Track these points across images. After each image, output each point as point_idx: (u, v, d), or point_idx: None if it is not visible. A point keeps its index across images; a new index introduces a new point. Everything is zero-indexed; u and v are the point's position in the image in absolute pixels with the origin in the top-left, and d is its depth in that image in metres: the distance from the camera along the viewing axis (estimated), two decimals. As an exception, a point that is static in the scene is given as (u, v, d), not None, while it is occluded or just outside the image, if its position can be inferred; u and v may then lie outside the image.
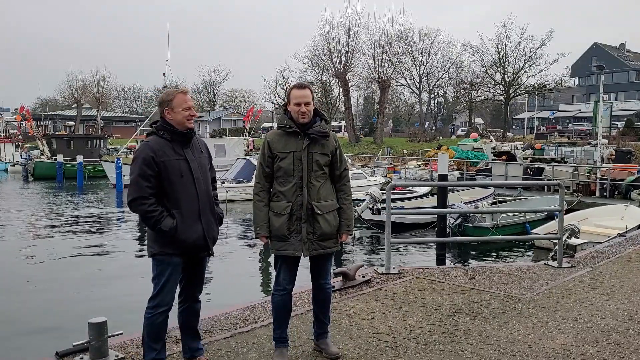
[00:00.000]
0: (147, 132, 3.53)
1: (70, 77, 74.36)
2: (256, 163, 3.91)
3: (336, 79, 48.33)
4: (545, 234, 12.02)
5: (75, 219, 18.71)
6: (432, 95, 68.75)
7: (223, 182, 20.94)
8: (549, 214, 14.14)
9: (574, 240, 9.75)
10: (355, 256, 12.80)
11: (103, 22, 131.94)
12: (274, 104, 53.22)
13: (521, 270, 6.65)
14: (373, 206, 13.83)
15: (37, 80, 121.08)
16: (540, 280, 6.15)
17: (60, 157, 34.98)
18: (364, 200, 13.89)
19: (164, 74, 34.44)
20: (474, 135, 42.07)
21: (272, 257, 3.80)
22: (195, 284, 3.62)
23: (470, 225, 13.61)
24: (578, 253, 8.14)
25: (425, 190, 19.30)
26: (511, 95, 52.34)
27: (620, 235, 9.73)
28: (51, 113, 71.10)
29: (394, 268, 6.42)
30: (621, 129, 42.76)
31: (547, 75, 52.48)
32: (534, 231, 12.75)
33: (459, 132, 57.26)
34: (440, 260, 11.57)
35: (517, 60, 50.45)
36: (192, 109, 3.48)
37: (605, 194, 18.92)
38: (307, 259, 3.71)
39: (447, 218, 12.80)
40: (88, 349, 3.69)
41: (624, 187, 18.66)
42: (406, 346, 4.10)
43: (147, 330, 3.38)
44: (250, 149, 34.74)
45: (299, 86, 3.73)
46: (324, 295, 3.85)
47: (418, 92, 66.53)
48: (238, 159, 25.67)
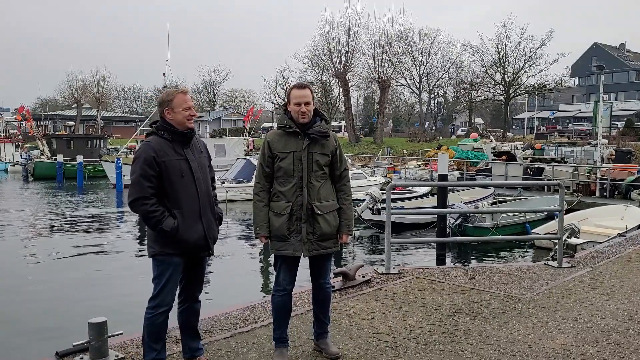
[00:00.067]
0: (147, 132, 3.53)
1: (70, 77, 74.63)
2: (256, 163, 3.91)
3: (336, 79, 48.33)
4: (545, 234, 12.03)
5: (76, 219, 18.71)
6: (432, 95, 68.79)
7: (223, 182, 20.94)
8: (549, 214, 14.14)
9: (574, 240, 9.76)
10: (355, 256, 12.80)
11: (103, 22, 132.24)
12: (274, 104, 53.23)
13: (521, 270, 6.65)
14: (373, 206, 13.83)
15: (37, 80, 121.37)
16: (540, 280, 6.15)
17: (60, 157, 34.99)
18: (364, 200, 13.90)
19: (164, 74, 34.45)
20: (474, 135, 42.07)
21: (272, 257, 3.80)
22: (195, 283, 3.62)
23: (471, 225, 13.62)
24: (578, 253, 8.14)
25: (425, 190, 19.31)
26: (511, 95, 52.36)
27: (620, 235, 9.73)
28: (51, 113, 71.16)
29: (394, 268, 6.42)
30: (621, 129, 42.77)
31: (547, 75, 52.61)
32: (534, 231, 12.76)
33: (459, 132, 57.27)
34: (440, 260, 11.57)
35: (517, 60, 50.54)
36: (192, 109, 3.49)
37: (605, 194, 18.93)
38: (307, 259, 3.71)
39: (447, 218, 12.80)
40: (88, 349, 3.69)
41: (624, 187, 18.66)
42: (406, 346, 4.10)
43: (148, 330, 3.39)
44: (250, 149, 34.74)
45: (299, 86, 3.73)
46: (324, 295, 3.85)
47: (418, 92, 66.60)
48: (238, 159, 25.69)
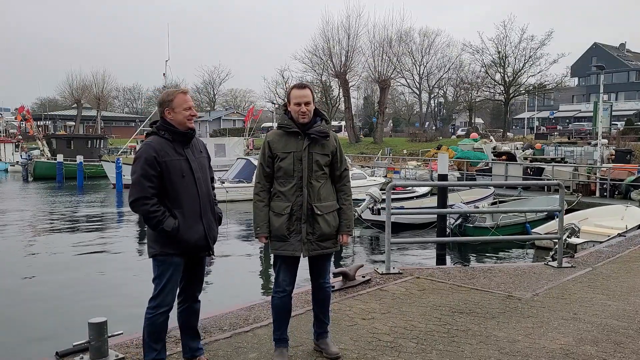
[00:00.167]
0: (147, 132, 3.53)
1: (70, 77, 74.67)
2: (256, 163, 3.91)
3: (336, 79, 48.33)
4: (545, 234, 12.02)
5: (76, 219, 18.72)
6: (432, 95, 68.80)
7: (223, 182, 20.94)
8: (549, 214, 14.14)
9: (574, 240, 9.77)
10: (355, 256, 12.80)
11: (103, 22, 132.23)
12: (274, 104, 53.22)
13: (521, 270, 6.65)
14: (373, 206, 13.82)
15: (37, 80, 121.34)
16: (540, 280, 6.15)
17: (60, 157, 34.99)
18: (364, 200, 13.89)
19: (164, 74, 34.45)
20: (474, 135, 42.07)
21: (272, 258, 3.80)
22: (195, 283, 3.62)
23: (471, 225, 13.62)
24: (578, 253, 8.14)
25: (425, 190, 19.31)
26: (511, 95, 52.37)
27: (620, 235, 9.73)
28: (51, 113, 71.17)
29: (394, 268, 6.42)
30: (621, 129, 42.78)
31: (547, 75, 52.62)
32: (534, 231, 12.75)
33: (459, 132, 57.27)
34: (440, 260, 11.56)
35: (517, 60, 50.56)
36: (193, 109, 3.49)
37: (605, 194, 18.93)
38: (307, 259, 3.71)
39: (447, 218, 12.79)
40: (88, 349, 3.69)
41: (624, 187, 18.67)
42: (406, 346, 4.10)
43: (148, 330, 3.38)
44: (250, 149, 34.75)
45: (299, 86, 3.72)
46: (324, 294, 3.85)
47: (418, 92, 66.60)
48: (238, 159, 25.69)
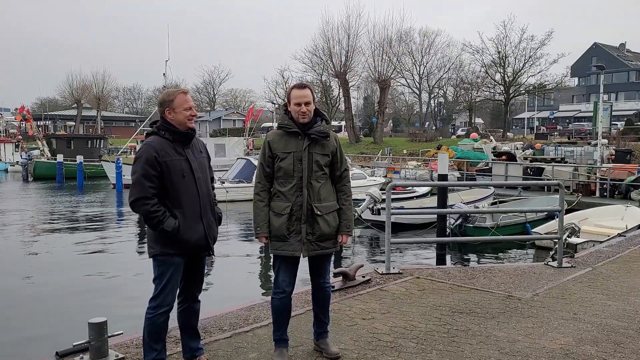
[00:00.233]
0: (148, 132, 3.52)
1: (70, 77, 74.61)
2: (256, 163, 3.91)
3: (336, 79, 48.33)
4: (545, 234, 12.02)
5: (76, 219, 18.72)
6: (432, 95, 68.81)
7: (223, 182, 20.94)
8: (549, 214, 14.14)
9: (574, 240, 9.77)
10: (355, 256, 12.80)
11: (103, 22, 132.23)
12: (274, 104, 53.22)
13: (521, 270, 6.65)
14: (373, 206, 13.81)
15: (37, 80, 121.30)
16: (540, 280, 6.15)
17: (60, 157, 34.99)
18: (364, 201, 13.88)
19: (164, 74, 34.47)
20: (474, 135, 42.09)
21: (272, 258, 3.80)
22: (195, 283, 3.62)
23: (471, 225, 13.62)
24: (578, 253, 8.14)
25: (425, 190, 19.30)
26: (511, 95, 52.40)
27: (620, 235, 9.73)
28: (51, 113, 71.18)
29: (394, 268, 6.41)
30: (621, 129, 42.79)
31: (547, 75, 52.69)
32: (534, 230, 12.75)
33: (459, 132, 57.29)
34: (440, 260, 11.57)
35: (517, 60, 50.60)
36: (193, 109, 3.49)
37: (605, 194, 18.93)
38: (306, 259, 3.71)
39: (447, 218, 12.79)
40: (88, 349, 3.69)
41: (624, 187, 18.67)
42: (406, 346, 4.10)
43: (148, 330, 3.38)
44: (250, 149, 34.76)
45: (299, 86, 3.72)
46: (324, 294, 3.85)
47: (418, 92, 66.61)
48: (238, 159, 25.69)
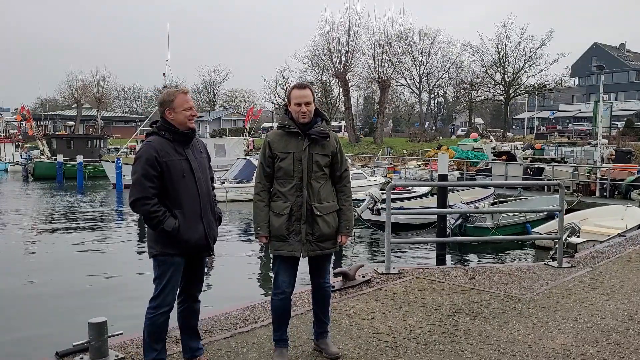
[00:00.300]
0: (148, 132, 3.52)
1: (70, 77, 74.61)
2: (256, 163, 3.91)
3: (336, 79, 48.33)
4: (545, 234, 12.02)
5: (76, 219, 18.71)
6: (432, 95, 68.80)
7: (223, 182, 20.94)
8: (549, 213, 14.14)
9: (574, 239, 9.77)
10: (355, 256, 12.80)
11: (103, 22, 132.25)
12: (274, 104, 53.25)
13: (521, 270, 6.65)
14: (373, 206, 13.81)
15: (37, 80, 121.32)
16: (540, 280, 6.15)
17: (60, 157, 34.98)
18: (364, 201, 13.88)
19: (164, 74, 34.50)
20: (474, 135, 42.09)
21: (272, 258, 3.80)
22: (195, 283, 3.62)
23: (471, 225, 13.61)
24: (578, 253, 8.14)
25: (425, 190, 19.30)
26: (511, 95, 52.42)
27: (620, 235, 9.73)
28: (51, 113, 71.18)
29: (394, 268, 6.42)
30: (621, 129, 42.79)
31: (547, 75, 52.73)
32: (535, 230, 12.75)
33: (459, 132, 57.31)
34: (440, 260, 11.56)
35: (517, 60, 50.64)
36: (193, 109, 3.49)
37: (605, 194, 18.94)
38: (306, 259, 3.71)
39: (447, 218, 12.78)
40: (88, 349, 3.69)
41: (624, 187, 18.67)
42: (406, 346, 4.10)
43: (148, 330, 3.38)
44: (250, 149, 34.76)
45: (300, 86, 3.72)
46: (323, 294, 3.85)
47: (418, 92, 66.60)
48: (238, 159, 25.68)
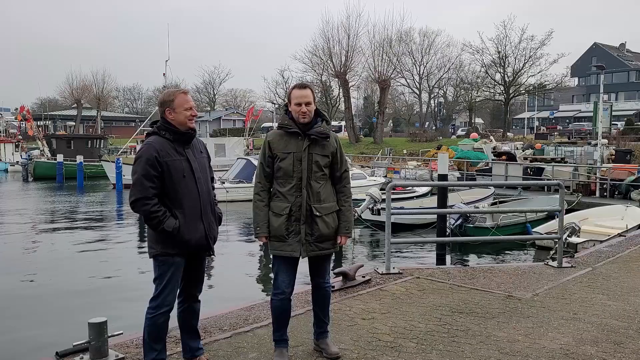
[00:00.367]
0: (148, 132, 3.52)
1: (70, 77, 74.40)
2: (256, 163, 3.91)
3: (336, 79, 48.32)
4: (545, 233, 12.02)
5: (76, 219, 18.71)
6: (432, 95, 68.75)
7: (223, 182, 20.93)
8: (549, 213, 14.13)
9: (574, 239, 9.78)
10: (355, 256, 12.79)
11: (103, 22, 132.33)
12: (274, 104, 53.30)
13: (521, 270, 6.65)
14: (373, 206, 13.80)
15: (37, 80, 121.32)
16: (540, 280, 6.15)
17: (60, 157, 34.94)
18: (364, 201, 13.88)
19: (164, 74, 34.55)
20: (474, 135, 42.09)
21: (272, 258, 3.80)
22: (195, 283, 3.62)
23: (471, 225, 13.60)
24: (578, 253, 8.14)
25: (425, 190, 19.30)
26: (511, 95, 52.45)
27: (620, 235, 9.74)
28: (51, 113, 71.14)
29: (394, 268, 6.41)
30: (621, 129, 42.79)
31: (547, 75, 52.79)
32: (535, 230, 12.74)
33: (459, 132, 57.31)
34: (440, 260, 11.57)
35: (517, 60, 50.68)
36: (193, 109, 3.49)
37: (605, 194, 18.93)
38: (306, 259, 3.71)
39: (448, 218, 12.78)
40: (88, 349, 3.70)
41: (624, 187, 18.66)
42: (406, 346, 4.10)
43: (149, 330, 3.39)
44: (250, 149, 34.73)
45: (300, 86, 3.72)
46: (323, 294, 3.85)
47: (418, 92, 66.54)
48: (238, 159, 25.66)
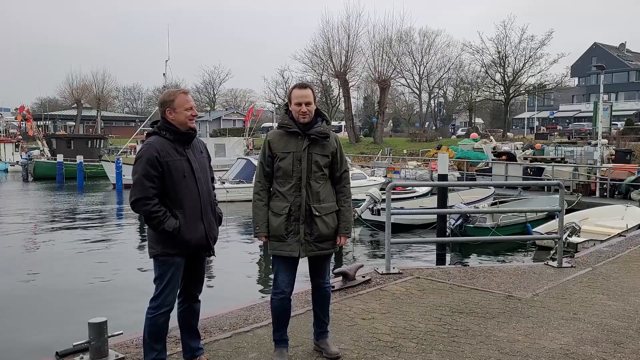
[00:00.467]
0: (148, 132, 3.52)
1: (70, 77, 74.35)
2: (256, 163, 3.91)
3: (336, 79, 48.32)
4: (546, 233, 12.01)
5: (76, 219, 18.71)
6: (432, 95, 68.77)
7: (223, 182, 20.93)
8: (549, 213, 14.13)
9: (575, 239, 9.78)
10: (355, 256, 12.79)
11: (103, 22, 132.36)
12: (274, 104, 53.31)
13: (521, 270, 6.65)
14: (373, 206, 13.80)
15: (37, 80, 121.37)
16: (540, 280, 6.15)
17: (60, 157, 34.93)
18: (364, 201, 13.88)
19: (164, 74, 34.57)
20: (474, 135, 42.09)
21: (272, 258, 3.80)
22: (195, 283, 3.62)
23: (471, 225, 13.59)
24: (578, 253, 8.14)
25: (425, 190, 19.29)
26: (511, 95, 52.46)
27: (620, 235, 9.74)
28: (51, 113, 71.12)
29: (394, 268, 6.42)
30: (621, 129, 42.79)
31: (547, 75, 52.80)
32: (535, 230, 12.73)
33: (459, 132, 57.32)
34: (440, 260, 11.56)
35: (517, 60, 50.70)
36: (194, 109, 3.50)
37: (605, 194, 18.93)
38: (306, 259, 3.71)
39: (448, 218, 12.77)
40: (88, 349, 3.70)
41: (624, 187, 18.65)
42: (406, 346, 4.10)
43: (149, 330, 3.39)
44: (250, 149, 34.73)
45: (300, 86, 3.73)
46: (323, 294, 3.85)
47: (418, 92, 66.57)
48: (238, 159, 25.65)
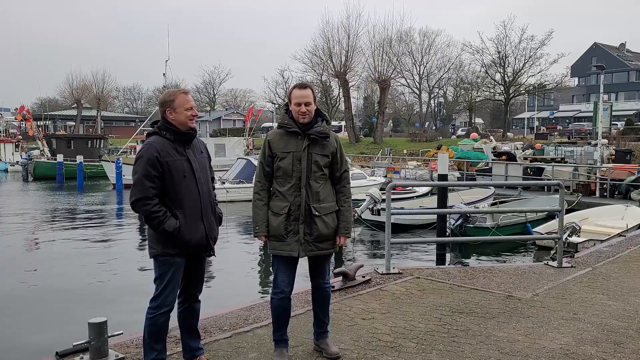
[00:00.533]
0: (149, 132, 3.52)
1: (70, 77, 74.31)
2: (256, 163, 3.91)
3: (336, 79, 48.33)
4: (546, 233, 12.01)
5: (76, 219, 18.71)
6: (432, 95, 68.78)
7: (223, 183, 20.93)
8: (549, 213, 14.13)
9: (575, 239, 9.78)
10: (355, 256, 12.79)
11: (103, 22, 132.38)
12: (274, 104, 53.31)
13: (521, 270, 6.65)
14: (373, 206, 13.80)
15: (37, 80, 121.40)
16: (540, 280, 6.15)
17: (60, 157, 34.92)
18: (364, 201, 13.88)
19: (164, 74, 34.57)
20: (474, 135, 42.10)
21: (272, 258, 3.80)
22: (195, 283, 3.62)
23: (471, 225, 13.59)
24: (578, 252, 8.14)
25: (425, 190, 19.29)
26: (511, 95, 52.47)
27: (620, 235, 9.74)
28: (51, 113, 71.11)
29: (394, 268, 6.42)
30: (621, 129, 42.80)
31: (547, 75, 52.82)
32: (535, 230, 12.73)
33: (459, 132, 57.34)
34: (440, 260, 11.56)
35: (517, 60, 50.72)
36: (194, 109, 3.50)
37: (605, 194, 18.93)
38: (306, 259, 3.71)
39: (448, 218, 12.77)
40: (88, 349, 3.70)
41: (624, 187, 18.66)
42: (406, 346, 4.10)
43: (149, 330, 3.39)
44: (250, 149, 34.74)
45: (300, 86, 3.73)
46: (323, 294, 3.85)
47: (418, 92, 66.58)
48: (238, 159, 25.64)
